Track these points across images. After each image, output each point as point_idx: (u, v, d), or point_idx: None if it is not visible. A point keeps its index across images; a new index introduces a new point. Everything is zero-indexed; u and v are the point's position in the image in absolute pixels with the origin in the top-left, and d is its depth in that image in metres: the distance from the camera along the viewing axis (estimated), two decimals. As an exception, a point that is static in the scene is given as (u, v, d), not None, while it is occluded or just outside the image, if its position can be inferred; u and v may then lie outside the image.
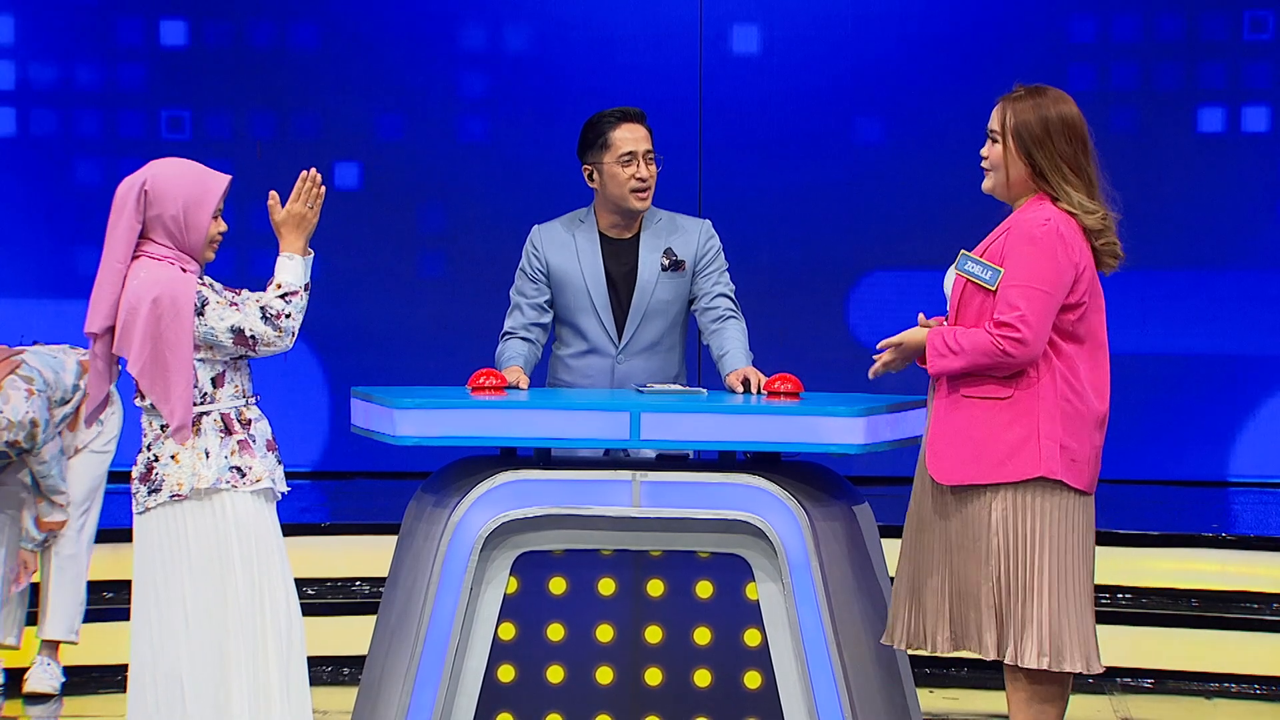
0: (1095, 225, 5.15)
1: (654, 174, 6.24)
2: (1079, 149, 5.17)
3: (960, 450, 5.15)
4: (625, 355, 6.27)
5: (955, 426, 5.17)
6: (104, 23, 10.92)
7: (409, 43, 10.94)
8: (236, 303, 5.12)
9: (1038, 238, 5.09)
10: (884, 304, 10.83)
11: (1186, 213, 10.68)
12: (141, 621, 5.15)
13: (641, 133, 6.23)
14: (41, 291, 10.77)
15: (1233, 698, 7.90)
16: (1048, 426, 5.11)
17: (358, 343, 10.99)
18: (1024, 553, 5.13)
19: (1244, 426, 10.78)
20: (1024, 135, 5.16)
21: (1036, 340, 5.07)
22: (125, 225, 5.10)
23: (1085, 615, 5.18)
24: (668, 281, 6.26)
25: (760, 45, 10.92)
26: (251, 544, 5.15)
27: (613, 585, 5.41)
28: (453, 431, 5.39)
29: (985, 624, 5.16)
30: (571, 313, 6.28)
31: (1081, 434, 5.14)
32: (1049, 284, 5.08)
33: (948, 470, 5.17)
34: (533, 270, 6.29)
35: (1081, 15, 10.76)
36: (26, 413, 7.17)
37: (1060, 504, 5.14)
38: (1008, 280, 5.09)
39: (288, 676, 5.16)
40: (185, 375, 5.05)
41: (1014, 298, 5.08)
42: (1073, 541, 5.16)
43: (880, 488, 9.19)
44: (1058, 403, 5.12)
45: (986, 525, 5.14)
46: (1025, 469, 5.10)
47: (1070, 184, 5.15)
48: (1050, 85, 5.24)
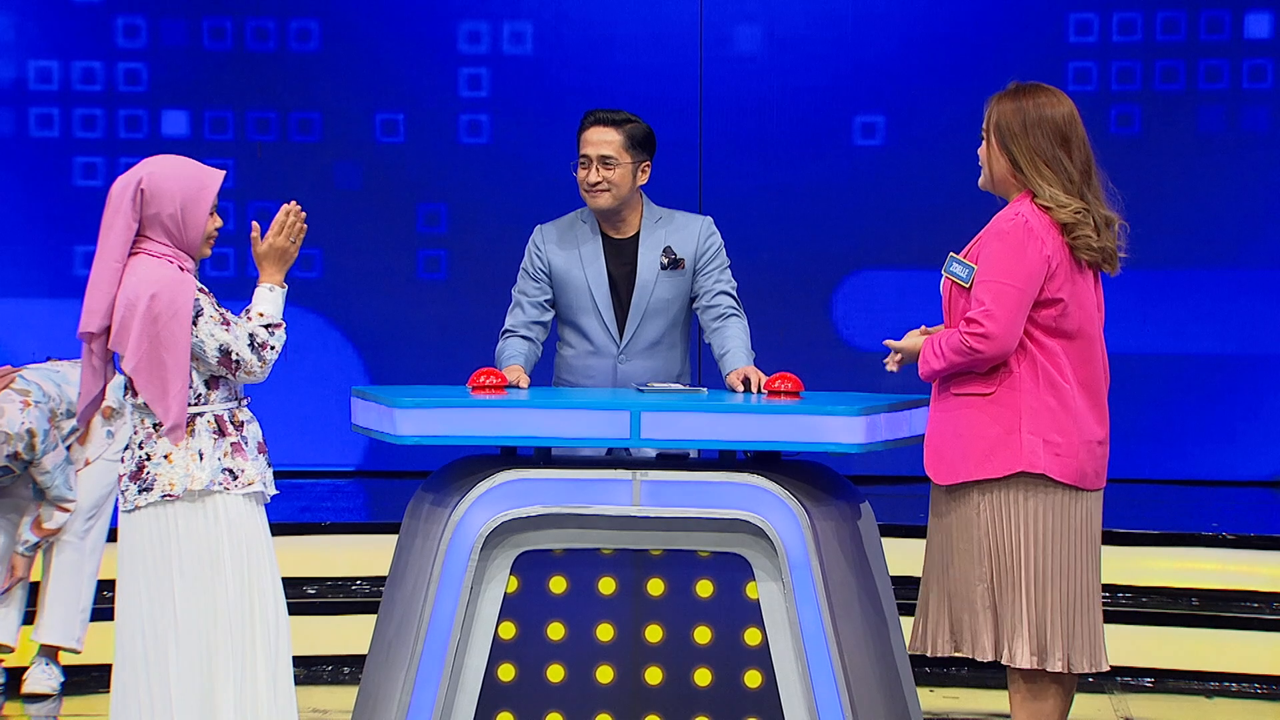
0: (1067, 219, 5.15)
1: (612, 179, 6.21)
2: (1058, 145, 5.17)
3: (950, 449, 5.19)
4: (627, 355, 6.27)
5: (946, 425, 5.21)
6: (104, 22, 10.92)
7: (409, 43, 10.94)
8: (229, 321, 5.11)
9: (1005, 233, 5.13)
10: (884, 303, 10.83)
11: (1187, 212, 10.68)
12: (128, 621, 5.13)
13: (606, 136, 6.21)
14: (41, 291, 10.77)
15: (1233, 697, 7.91)
16: (1029, 421, 5.13)
17: (358, 342, 10.99)
18: (1011, 550, 5.15)
19: (1244, 426, 10.78)
20: (1003, 131, 5.21)
21: (1004, 334, 5.08)
22: (122, 225, 5.08)
23: (1079, 613, 5.18)
24: (667, 280, 6.26)
25: (760, 44, 10.92)
26: (242, 546, 5.13)
27: (613, 584, 5.41)
28: (453, 431, 5.39)
29: (982, 625, 5.17)
30: (573, 313, 6.29)
31: (1068, 428, 5.14)
32: (1015, 278, 5.10)
33: (941, 470, 5.21)
34: (534, 269, 6.30)
35: (1082, 14, 10.76)
36: (23, 424, 7.18)
37: (1048, 500, 5.15)
38: (977, 277, 5.13)
39: (275, 679, 5.16)
40: (182, 376, 5.04)
41: (979, 293, 5.12)
42: (1064, 538, 5.16)
43: (880, 487, 9.20)
44: (1040, 397, 5.13)
45: (976, 524, 5.16)
46: (1007, 464, 5.13)
47: (1044, 178, 5.16)
48: (1048, 84, 5.25)
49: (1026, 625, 5.13)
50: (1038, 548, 5.15)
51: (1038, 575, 5.15)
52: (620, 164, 6.20)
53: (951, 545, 5.20)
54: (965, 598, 5.17)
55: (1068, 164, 5.17)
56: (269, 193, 10.78)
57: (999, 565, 5.15)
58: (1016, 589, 5.14)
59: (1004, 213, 5.19)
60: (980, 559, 5.15)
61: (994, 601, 5.16)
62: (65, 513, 7.41)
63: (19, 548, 7.44)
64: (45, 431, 7.25)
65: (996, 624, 5.16)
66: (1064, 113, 5.19)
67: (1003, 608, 5.15)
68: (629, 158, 6.21)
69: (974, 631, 5.17)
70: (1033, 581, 5.15)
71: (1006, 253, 5.11)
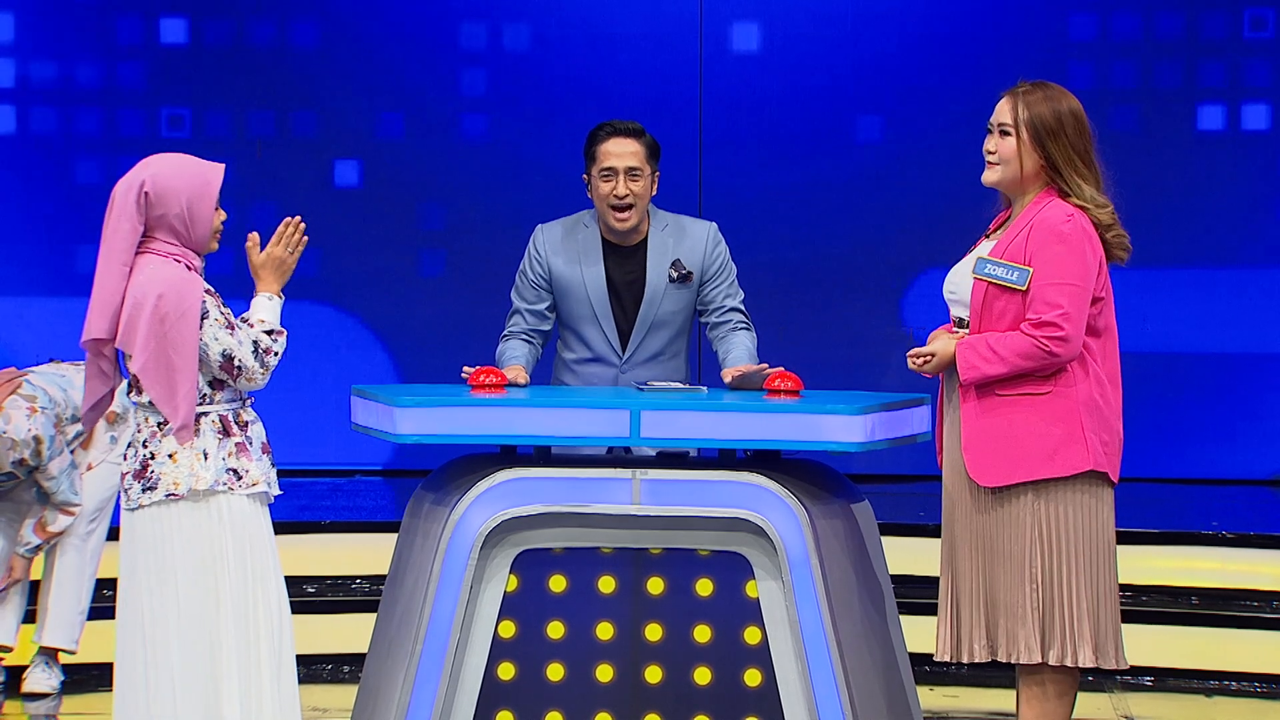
0: (1106, 219, 5.16)
1: (637, 191, 6.14)
2: (1088, 142, 5.18)
3: (1001, 450, 5.14)
4: (629, 365, 6.24)
5: (993, 427, 5.15)
6: (104, 21, 10.92)
7: (409, 42, 10.94)
8: (234, 325, 5.11)
9: (1067, 235, 5.10)
10: (885, 302, 10.82)
11: (1187, 211, 10.68)
12: (131, 620, 5.12)
13: (630, 148, 6.14)
14: (41, 290, 10.77)
15: (1233, 695, 7.90)
16: (1089, 420, 5.12)
17: (358, 341, 10.99)
18: (1067, 549, 5.13)
19: (1244, 424, 10.78)
20: (1039, 127, 5.16)
21: (1078, 336, 5.09)
22: (128, 228, 5.06)
23: (1117, 610, 5.20)
24: (675, 292, 6.22)
25: (760, 44, 10.92)
26: (245, 546, 5.13)
27: (613, 583, 5.41)
28: (453, 429, 5.39)
29: (1029, 628, 5.14)
30: (574, 320, 6.24)
31: (1113, 425, 5.17)
32: (1083, 279, 5.10)
33: (988, 472, 5.16)
34: (535, 275, 6.23)
35: (1081, 12, 10.75)
36: (29, 430, 7.17)
37: (1094, 498, 5.15)
38: (1042, 279, 5.08)
39: (279, 679, 5.16)
40: (190, 375, 5.04)
41: (1052, 296, 5.07)
42: (1106, 534, 5.18)
43: (880, 485, 9.20)
44: (1092, 396, 5.13)
45: (1030, 525, 5.13)
46: (1074, 463, 5.10)
47: (1081, 176, 5.16)
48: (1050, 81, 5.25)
49: (1089, 624, 5.12)
50: (1092, 546, 5.14)
51: (1093, 574, 5.14)
52: (644, 175, 6.15)
53: (993, 548, 5.17)
54: (1007, 602, 5.15)
55: (1097, 161, 5.18)
56: (269, 192, 10.79)
57: (1053, 565, 5.13)
58: (1076, 588, 5.12)
59: (1052, 213, 5.14)
60: (1030, 561, 5.13)
61: (1043, 601, 5.14)
62: (70, 516, 7.41)
63: (20, 549, 7.44)
64: (51, 438, 7.24)
65: (1043, 626, 5.15)
66: (1082, 109, 5.20)
67: (1056, 608, 5.13)
68: (649, 168, 6.17)
69: (1012, 634, 5.14)
70: (1090, 580, 5.13)
71: (1071, 254, 5.09)
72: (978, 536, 5.20)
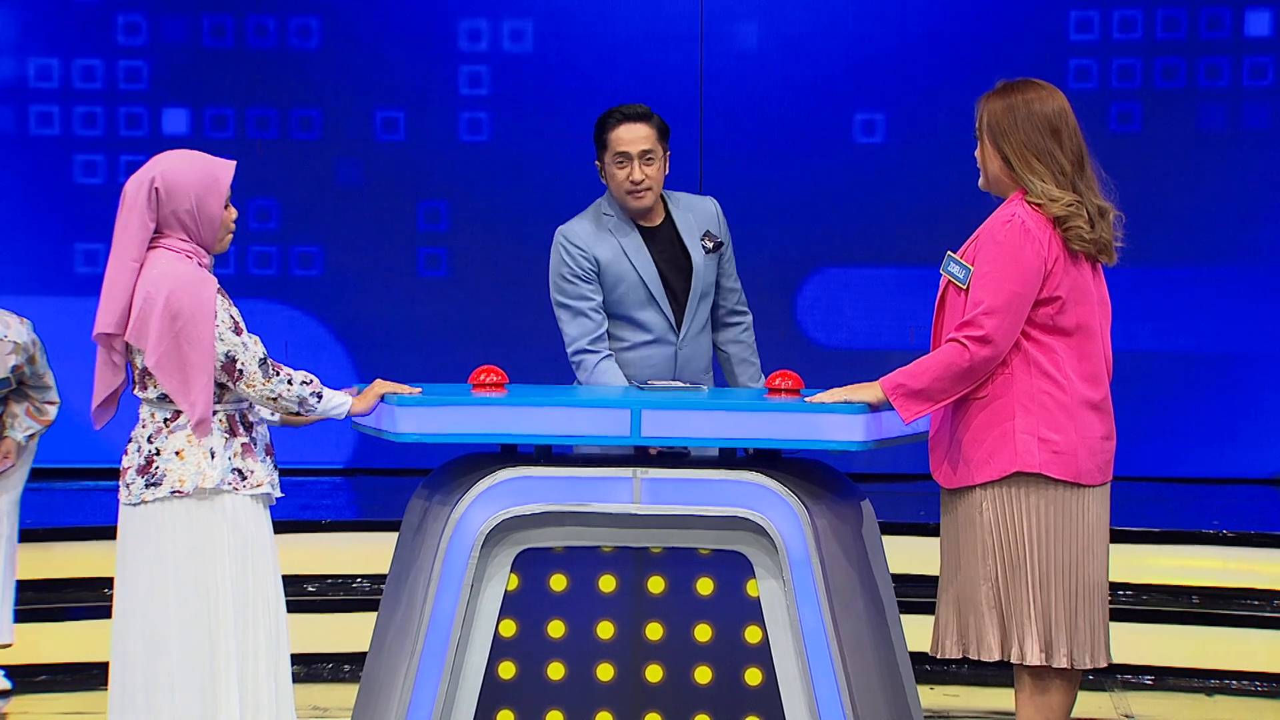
0: (1060, 213, 5.14)
1: (652, 175, 6.20)
2: (1048, 137, 5.16)
3: (951, 452, 5.20)
4: (686, 341, 6.28)
5: (946, 429, 5.22)
6: (105, 20, 10.92)
7: (409, 40, 10.95)
8: (241, 328, 5.11)
9: (1000, 238, 5.12)
10: (885, 301, 10.84)
11: (1188, 209, 10.69)
12: (127, 617, 5.12)
13: (641, 132, 6.19)
14: (41, 289, 10.77)
15: (1233, 694, 7.91)
16: (1023, 421, 5.13)
17: (358, 340, 10.99)
18: (1015, 549, 5.15)
19: (1244, 423, 10.79)
20: (994, 129, 5.19)
21: (1002, 336, 5.08)
22: (138, 225, 5.07)
23: (1081, 609, 5.19)
24: (710, 263, 6.30)
25: (760, 43, 10.92)
26: (246, 547, 5.13)
27: (613, 582, 5.41)
28: (453, 428, 5.39)
29: (987, 626, 5.17)
30: (627, 306, 6.24)
31: (1064, 425, 5.14)
32: (1012, 281, 5.09)
33: (945, 474, 5.22)
34: (585, 271, 6.21)
35: (1082, 11, 10.76)
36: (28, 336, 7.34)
37: (1048, 497, 5.15)
38: (975, 279, 5.12)
39: (276, 679, 5.16)
40: (206, 371, 5.03)
41: (978, 294, 5.11)
42: (1066, 534, 5.17)
43: (881, 485, 9.20)
44: (1033, 395, 5.12)
45: (980, 524, 5.16)
46: (1004, 465, 5.13)
47: (1035, 172, 5.15)
48: (1045, 80, 5.24)
49: (1033, 622, 5.14)
50: (1041, 545, 5.15)
51: (1042, 573, 5.15)
52: (657, 158, 6.21)
53: (958, 547, 5.21)
54: (971, 599, 5.18)
55: (1059, 155, 5.16)
56: (269, 190, 10.80)
57: (1003, 564, 5.15)
58: (1022, 587, 5.15)
59: (998, 214, 5.18)
60: (984, 558, 5.16)
61: (999, 601, 5.16)
62: (53, 406, 7.53)
63: (19, 435, 7.47)
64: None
65: (1003, 624, 5.17)
66: (1054, 106, 5.17)
67: (1008, 606, 5.16)
68: (661, 150, 6.23)
69: (979, 632, 5.18)
70: (1037, 579, 5.15)
71: (1002, 256, 5.10)
72: (948, 536, 5.25)
